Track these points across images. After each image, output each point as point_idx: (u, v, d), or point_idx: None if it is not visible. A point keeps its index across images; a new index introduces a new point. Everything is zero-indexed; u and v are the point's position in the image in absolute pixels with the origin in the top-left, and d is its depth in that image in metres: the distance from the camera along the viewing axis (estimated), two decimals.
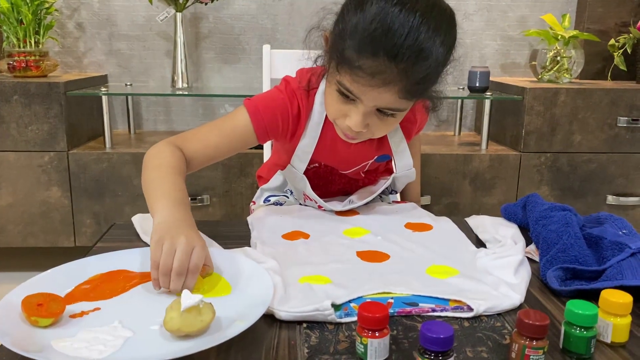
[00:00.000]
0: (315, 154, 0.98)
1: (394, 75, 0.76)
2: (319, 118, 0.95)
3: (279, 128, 0.95)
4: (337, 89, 0.82)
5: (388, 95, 0.79)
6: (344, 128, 0.86)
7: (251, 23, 2.13)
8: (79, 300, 0.66)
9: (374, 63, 0.75)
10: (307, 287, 0.68)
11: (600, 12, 2.13)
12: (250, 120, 0.93)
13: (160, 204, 0.78)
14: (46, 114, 1.73)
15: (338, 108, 0.85)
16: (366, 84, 0.77)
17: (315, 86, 0.95)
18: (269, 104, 0.94)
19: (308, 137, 0.96)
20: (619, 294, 0.60)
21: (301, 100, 0.95)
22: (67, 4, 2.07)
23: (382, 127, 0.88)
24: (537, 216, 0.87)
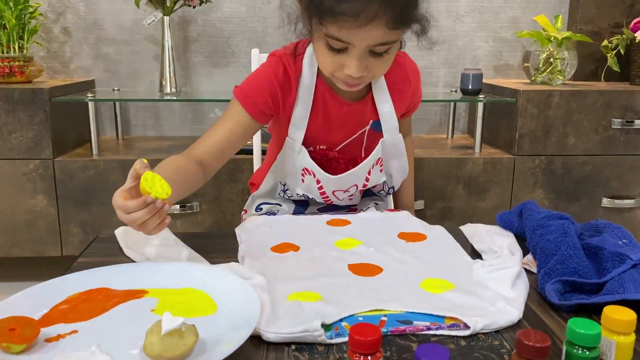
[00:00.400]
0: (310, 122, 0.98)
1: (377, 8, 0.77)
2: (309, 81, 0.97)
3: (269, 101, 0.96)
4: (326, 44, 0.84)
5: (377, 30, 0.80)
6: (344, 78, 0.87)
7: (241, 26, 2.10)
8: (55, 322, 0.62)
9: (355, 3, 0.77)
10: (297, 305, 0.65)
11: (593, 13, 2.12)
12: (242, 107, 0.95)
13: None
14: (30, 120, 1.69)
15: (332, 61, 0.86)
16: (353, 25, 0.78)
17: (302, 51, 0.97)
18: (254, 83, 0.97)
19: (301, 101, 0.97)
20: (623, 311, 0.57)
21: (289, 66, 0.96)
22: (52, 8, 2.03)
23: (380, 66, 0.88)
24: (533, 225, 0.84)
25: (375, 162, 1.05)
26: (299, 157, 1.01)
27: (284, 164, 1.05)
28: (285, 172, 1.07)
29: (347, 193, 1.06)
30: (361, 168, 1.03)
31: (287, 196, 1.12)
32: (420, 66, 1.12)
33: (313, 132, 1.00)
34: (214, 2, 2.02)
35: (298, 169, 1.03)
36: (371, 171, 1.05)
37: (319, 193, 1.05)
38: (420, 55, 2.13)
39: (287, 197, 1.12)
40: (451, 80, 2.19)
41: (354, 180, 1.05)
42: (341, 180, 1.03)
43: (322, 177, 1.01)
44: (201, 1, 1.88)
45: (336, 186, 1.04)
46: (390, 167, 1.09)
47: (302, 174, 1.03)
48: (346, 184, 1.04)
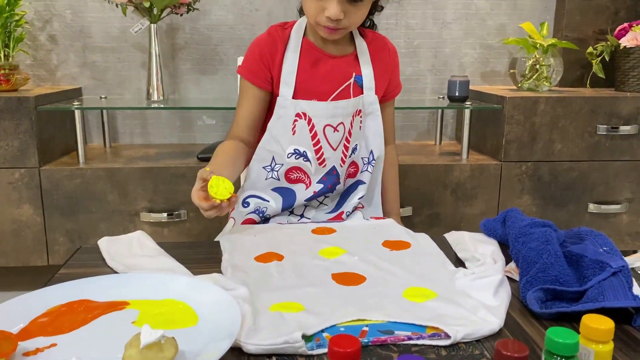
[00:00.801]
0: (299, 76, 1.10)
1: None
2: (296, 42, 1.11)
3: (262, 66, 1.10)
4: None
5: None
6: (325, 22, 1.01)
7: (228, 33, 2.10)
8: (34, 335, 0.62)
9: None
10: (278, 316, 0.65)
11: (578, 20, 2.14)
12: (246, 79, 1.11)
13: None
14: (16, 129, 1.68)
15: (315, 6, 1.01)
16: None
17: (290, 25, 1.13)
18: (251, 55, 1.12)
19: (289, 58, 1.10)
20: (601, 320, 0.57)
21: (276, 32, 1.12)
22: (39, 16, 2.02)
23: (356, 14, 1.03)
24: (516, 233, 0.84)
25: (357, 112, 1.14)
26: (291, 107, 1.09)
27: (273, 128, 1.11)
28: (275, 137, 1.11)
29: (337, 133, 1.11)
30: (346, 103, 1.12)
31: (275, 174, 1.13)
32: (407, 73, 1.19)
33: (303, 84, 1.10)
34: (201, 10, 2.02)
35: (289, 123, 1.10)
36: (354, 118, 1.13)
37: (310, 138, 1.10)
38: (407, 62, 2.15)
39: (275, 177, 1.13)
40: (438, 87, 2.20)
41: (341, 117, 1.11)
42: (329, 108, 1.10)
43: (312, 108, 1.10)
44: (189, 9, 1.88)
45: (327, 119, 1.10)
46: (367, 127, 1.17)
47: (294, 125, 1.10)
48: (336, 118, 1.11)
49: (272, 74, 1.11)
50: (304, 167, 1.12)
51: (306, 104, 1.09)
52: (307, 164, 1.12)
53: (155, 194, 1.75)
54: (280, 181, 1.13)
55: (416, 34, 2.16)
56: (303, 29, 1.13)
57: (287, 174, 1.12)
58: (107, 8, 2.02)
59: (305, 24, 1.13)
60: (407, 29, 2.15)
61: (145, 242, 0.90)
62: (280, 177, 1.12)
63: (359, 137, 1.16)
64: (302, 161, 1.11)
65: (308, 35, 1.13)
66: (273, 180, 1.13)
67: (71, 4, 2.02)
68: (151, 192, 1.74)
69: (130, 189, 1.73)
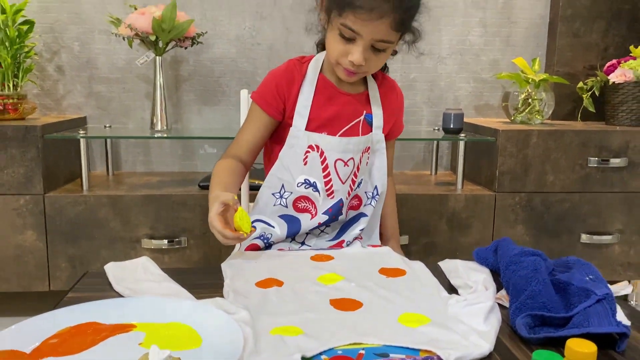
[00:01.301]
0: (312, 110, 1.14)
1: (387, 9, 0.98)
2: (312, 76, 1.16)
3: (276, 95, 1.15)
4: (339, 33, 1.03)
5: (383, 27, 1.00)
6: (347, 64, 1.06)
7: (231, 66, 2.17)
8: (45, 355, 0.64)
9: (371, 1, 0.97)
10: (279, 339, 0.68)
11: (569, 56, 2.22)
12: (259, 107, 1.16)
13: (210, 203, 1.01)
14: (23, 157, 1.72)
15: (340, 49, 1.05)
16: (366, 18, 0.98)
17: (308, 60, 1.18)
18: (267, 84, 1.17)
19: (305, 92, 1.15)
20: (584, 344, 0.60)
21: (295, 66, 1.17)
22: (48, 48, 2.09)
23: (376, 61, 1.08)
24: (507, 261, 0.88)
25: (366, 149, 1.19)
26: (304, 139, 1.14)
27: (285, 157, 1.16)
28: (286, 165, 1.16)
29: (347, 168, 1.16)
30: (358, 141, 1.17)
31: (283, 202, 1.17)
32: (405, 105, 1.26)
33: (315, 119, 1.15)
34: (205, 43, 2.09)
35: (300, 154, 1.14)
36: (363, 154, 1.18)
37: (321, 169, 1.15)
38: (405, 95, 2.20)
39: (283, 204, 1.17)
40: (434, 119, 2.26)
41: (352, 153, 1.16)
42: (342, 144, 1.15)
43: (325, 142, 1.14)
44: (193, 42, 1.95)
45: (338, 153, 1.15)
46: (372, 163, 1.22)
47: (305, 156, 1.14)
48: (347, 153, 1.15)
49: (285, 105, 1.16)
50: (312, 197, 1.16)
51: (320, 137, 1.14)
52: (316, 194, 1.16)
53: (157, 221, 1.78)
54: (287, 208, 1.17)
55: (412, 67, 2.23)
56: (320, 64, 1.18)
57: (295, 202, 1.16)
58: (114, 40, 2.09)
59: (323, 60, 1.18)
60: (404, 63, 2.22)
61: (150, 268, 0.93)
62: (289, 204, 1.16)
63: (364, 172, 1.21)
64: (311, 191, 1.16)
65: (324, 71, 1.18)
66: (281, 207, 1.17)
67: (79, 36, 2.09)
68: (153, 219, 1.78)
69: (132, 216, 1.77)
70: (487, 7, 2.22)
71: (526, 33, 2.26)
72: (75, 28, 2.09)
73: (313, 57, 1.20)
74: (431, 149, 2.27)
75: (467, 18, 2.23)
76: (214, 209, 0.94)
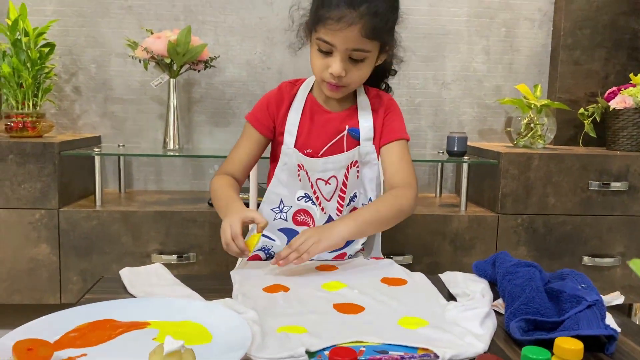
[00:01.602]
0: (300, 128, 1.20)
1: (354, 17, 1.02)
2: (301, 97, 1.22)
3: (267, 115, 1.22)
4: (318, 48, 1.09)
5: (353, 34, 1.04)
6: (328, 78, 1.10)
7: (241, 89, 2.24)
8: (66, 347, 0.69)
9: (338, 11, 1.03)
10: (284, 336, 0.72)
11: (570, 83, 2.28)
12: (252, 126, 1.23)
13: (222, 213, 1.11)
14: (40, 172, 1.78)
15: (320, 63, 1.10)
16: (336, 28, 1.03)
17: (300, 83, 1.25)
18: (260, 105, 1.24)
19: (293, 112, 1.21)
20: (572, 341, 0.64)
21: (285, 88, 1.24)
22: (66, 69, 2.18)
23: (356, 73, 1.11)
24: (504, 272, 0.92)
25: (352, 164, 1.20)
26: (294, 156, 1.20)
27: (281, 174, 1.22)
28: (283, 182, 1.22)
29: (329, 186, 1.20)
30: (338, 159, 1.20)
31: (283, 216, 1.22)
32: (409, 129, 1.29)
33: (301, 137, 1.21)
34: (217, 67, 2.17)
35: (294, 170, 1.20)
36: (349, 170, 1.20)
37: (310, 187, 1.20)
38: (409, 119, 2.27)
39: (283, 218, 1.22)
40: (438, 142, 2.32)
41: (333, 171, 1.19)
42: (319, 164, 1.19)
43: (307, 163, 1.19)
44: (206, 66, 2.03)
45: (318, 173, 1.19)
46: (363, 175, 1.23)
47: (298, 172, 1.20)
48: (326, 172, 1.19)
49: (275, 124, 1.23)
50: (311, 211, 1.21)
51: (303, 158, 1.19)
52: (314, 207, 1.21)
53: (167, 237, 1.83)
54: (287, 222, 1.22)
55: (418, 92, 2.30)
56: (310, 86, 1.24)
57: (295, 215, 1.21)
58: (129, 63, 2.17)
59: (313, 82, 1.24)
60: (409, 88, 2.29)
61: (163, 273, 0.98)
62: (289, 218, 1.21)
63: (357, 185, 1.23)
64: (310, 204, 1.21)
65: (314, 92, 1.24)
66: (281, 220, 1.22)
67: (96, 58, 2.18)
68: (163, 235, 1.83)
69: (143, 232, 1.82)
70: (491, 35, 2.30)
71: (528, 61, 2.32)
72: (93, 51, 2.18)
73: (306, 79, 1.26)
74: (435, 172, 2.31)
75: (470, 45, 2.30)
76: (242, 215, 1.03)
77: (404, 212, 1.12)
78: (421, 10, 2.26)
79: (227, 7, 2.19)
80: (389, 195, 1.14)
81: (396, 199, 1.12)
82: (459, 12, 2.28)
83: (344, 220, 1.06)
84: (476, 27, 2.29)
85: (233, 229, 1.01)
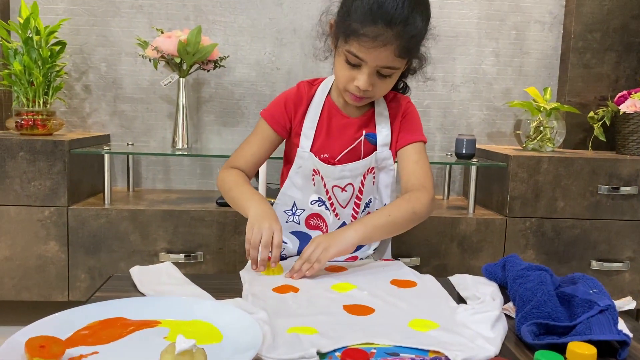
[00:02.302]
0: (317, 132, 1.19)
1: (390, 37, 1.00)
2: (319, 100, 1.20)
3: (284, 114, 1.20)
4: (345, 59, 1.06)
5: (387, 54, 1.02)
6: (353, 90, 1.09)
7: (250, 89, 2.25)
8: (78, 344, 0.69)
9: (375, 29, 0.99)
10: (295, 337, 0.72)
11: (580, 86, 2.27)
12: (267, 123, 1.21)
13: (248, 204, 1.08)
14: (50, 170, 1.79)
15: (347, 74, 1.08)
16: (370, 46, 1.01)
17: (318, 83, 1.23)
18: (277, 103, 1.22)
19: (311, 115, 1.20)
20: (585, 346, 0.64)
21: (304, 88, 1.22)
22: (76, 67, 2.19)
23: (382, 86, 1.11)
24: (514, 275, 0.92)
25: (369, 170, 1.19)
26: (309, 160, 1.19)
27: (294, 176, 1.21)
28: (297, 184, 1.21)
29: (345, 193, 1.19)
30: (355, 166, 1.18)
31: (296, 219, 1.21)
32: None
33: (318, 141, 1.19)
34: (226, 67, 2.17)
35: (308, 175, 1.19)
36: (366, 177, 1.19)
37: (325, 192, 1.19)
38: None
39: (296, 221, 1.21)
40: (447, 145, 2.31)
41: (350, 178, 1.18)
42: (336, 171, 1.18)
43: (323, 170, 1.18)
44: (215, 66, 2.03)
45: (335, 180, 1.18)
46: (379, 181, 1.22)
47: (313, 177, 1.19)
48: (343, 179, 1.18)
49: (292, 124, 1.21)
50: (324, 215, 1.21)
51: (319, 164, 1.18)
52: (327, 212, 1.20)
53: (175, 236, 1.83)
54: (300, 225, 1.22)
55: (426, 94, 2.30)
56: (329, 88, 1.22)
57: (307, 219, 1.21)
58: (139, 62, 2.18)
59: (332, 84, 1.22)
60: (418, 90, 2.28)
61: (173, 272, 0.98)
62: (301, 221, 1.21)
63: (372, 191, 1.22)
64: (323, 209, 1.20)
65: (332, 94, 1.22)
66: (294, 223, 1.21)
67: (106, 57, 2.19)
68: (171, 233, 1.83)
69: (151, 230, 1.83)
70: (500, 38, 2.29)
71: (538, 64, 2.31)
72: (103, 50, 2.19)
73: (322, 79, 1.24)
74: (444, 175, 2.31)
75: (480, 48, 2.29)
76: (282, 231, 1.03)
77: (417, 215, 1.10)
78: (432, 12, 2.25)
79: (237, 7, 2.20)
80: (402, 199, 1.12)
81: (409, 203, 1.10)
82: (469, 14, 2.27)
83: (353, 226, 1.05)
84: (486, 30, 2.28)
85: (276, 238, 1.00)
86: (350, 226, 1.06)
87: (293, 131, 1.22)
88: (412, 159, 1.18)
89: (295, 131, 1.22)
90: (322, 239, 1.01)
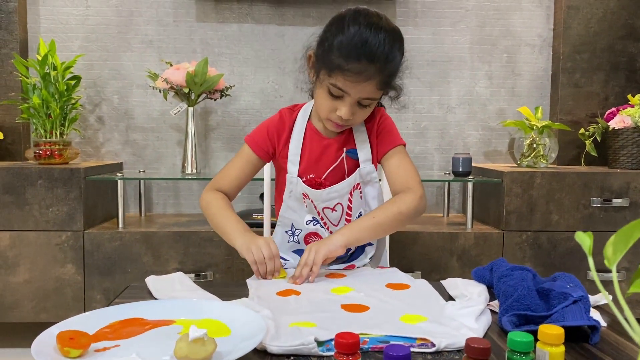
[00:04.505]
0: (302, 156, 1.25)
1: (373, 72, 1.08)
2: (301, 125, 1.27)
3: (267, 140, 1.27)
4: (328, 91, 1.12)
5: (369, 87, 1.10)
6: (335, 119, 1.15)
7: (255, 116, 2.36)
8: (101, 339, 0.77)
9: (359, 65, 1.07)
10: (296, 329, 0.80)
11: (571, 105, 2.36)
12: (250, 148, 1.27)
13: (234, 234, 1.16)
14: (66, 196, 1.89)
15: (329, 105, 1.14)
16: (354, 80, 1.08)
17: (298, 109, 1.29)
18: (260, 130, 1.29)
19: (294, 141, 1.26)
20: (554, 328, 0.71)
21: (285, 115, 1.29)
22: (90, 100, 2.31)
23: (362, 115, 1.18)
24: (499, 275, 0.99)
25: (354, 187, 1.26)
26: (298, 185, 1.25)
27: (288, 200, 1.27)
28: (292, 207, 1.27)
29: (335, 212, 1.26)
30: (341, 186, 1.24)
31: (295, 239, 1.29)
32: (415, 151, 1.35)
33: (304, 164, 1.25)
34: (232, 96, 2.29)
35: (300, 198, 1.26)
36: (352, 193, 1.25)
37: (317, 214, 1.26)
38: (415, 142, 2.36)
39: (296, 241, 1.29)
40: (445, 164, 2.40)
41: (338, 198, 1.25)
42: (324, 195, 1.24)
43: (312, 194, 1.24)
44: (222, 95, 2.15)
45: (323, 202, 1.25)
46: (366, 194, 1.28)
47: (304, 200, 1.26)
48: (332, 200, 1.25)
49: (275, 149, 1.28)
50: (320, 233, 1.28)
51: (307, 189, 1.24)
52: (322, 230, 1.28)
53: (185, 256, 1.92)
54: (300, 244, 1.30)
55: (423, 116, 2.40)
56: (309, 113, 1.28)
57: (306, 238, 1.29)
58: (150, 93, 2.30)
59: (311, 109, 1.29)
60: (415, 112, 2.39)
61: (185, 280, 1.07)
62: (300, 240, 1.29)
63: (361, 205, 1.29)
64: (318, 227, 1.28)
65: (312, 119, 1.28)
66: (294, 243, 1.30)
67: (119, 90, 2.32)
68: (182, 254, 1.92)
69: (162, 252, 1.91)
70: (493, 61, 2.40)
71: (530, 85, 2.42)
72: (116, 83, 2.31)
73: (302, 105, 1.30)
74: (443, 193, 2.39)
75: (474, 71, 2.40)
76: (267, 251, 1.10)
77: (404, 215, 1.17)
78: (425, 39, 2.37)
79: (241, 40, 2.33)
80: (388, 202, 1.20)
81: (394, 204, 1.17)
82: (461, 39, 2.39)
83: (340, 231, 1.15)
84: (478, 54, 2.39)
85: (273, 249, 1.09)
86: (338, 231, 1.16)
87: (277, 154, 1.28)
88: (394, 165, 1.25)
89: (280, 154, 1.27)
90: (313, 244, 1.11)
